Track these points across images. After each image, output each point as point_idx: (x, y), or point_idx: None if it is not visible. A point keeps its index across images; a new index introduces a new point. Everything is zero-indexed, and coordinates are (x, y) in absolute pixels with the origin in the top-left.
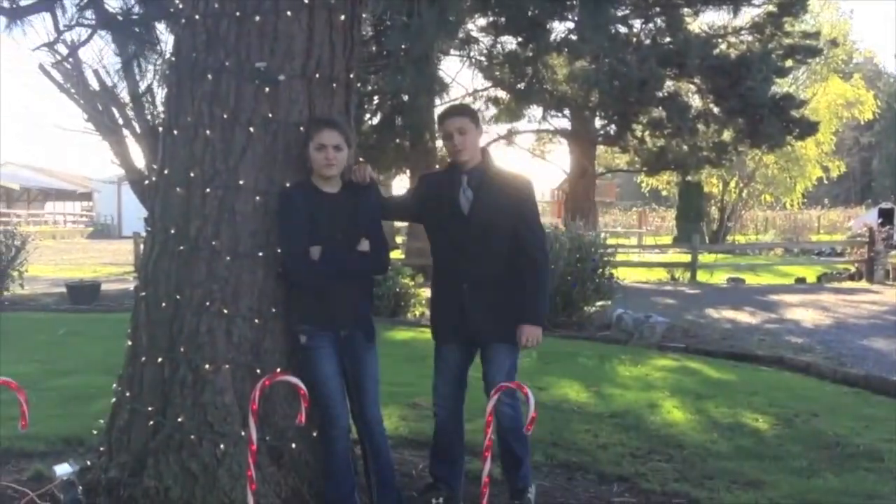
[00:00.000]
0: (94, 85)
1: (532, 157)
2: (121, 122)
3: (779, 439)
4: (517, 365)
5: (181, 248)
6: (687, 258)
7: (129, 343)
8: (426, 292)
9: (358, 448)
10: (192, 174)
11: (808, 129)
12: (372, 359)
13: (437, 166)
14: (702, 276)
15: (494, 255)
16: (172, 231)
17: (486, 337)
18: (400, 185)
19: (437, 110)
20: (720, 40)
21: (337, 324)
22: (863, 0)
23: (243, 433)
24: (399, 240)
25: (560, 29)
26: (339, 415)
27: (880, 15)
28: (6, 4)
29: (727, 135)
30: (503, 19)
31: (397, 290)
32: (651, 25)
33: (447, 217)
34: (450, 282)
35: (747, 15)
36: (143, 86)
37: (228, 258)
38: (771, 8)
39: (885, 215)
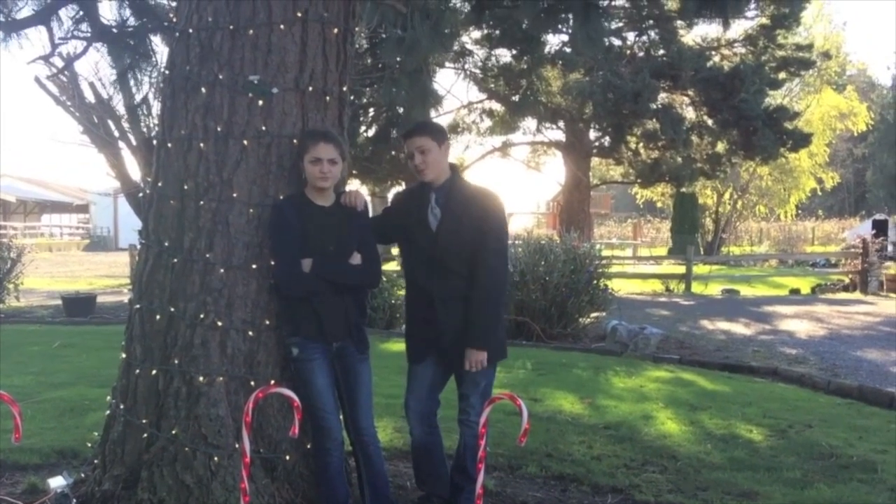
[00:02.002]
0: (90, 97)
1: (527, 168)
2: (116, 134)
3: (773, 450)
4: (492, 382)
5: (175, 260)
6: (681, 269)
7: (124, 355)
8: None
9: (352, 460)
10: (186, 186)
11: (802, 140)
12: (365, 370)
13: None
14: (696, 288)
15: (464, 271)
16: (166, 243)
17: (460, 354)
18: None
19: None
20: (713, 53)
21: (330, 336)
22: (856, 12)
23: (237, 445)
24: (395, 251)
25: (554, 41)
26: (333, 427)
27: (873, 27)
28: (1, 18)
29: (721, 146)
30: (497, 32)
31: (392, 302)
32: (645, 38)
33: (416, 234)
34: (422, 299)
35: (740, 27)
36: (138, 98)
37: (222, 270)
38: (764, 20)
39: (879, 227)
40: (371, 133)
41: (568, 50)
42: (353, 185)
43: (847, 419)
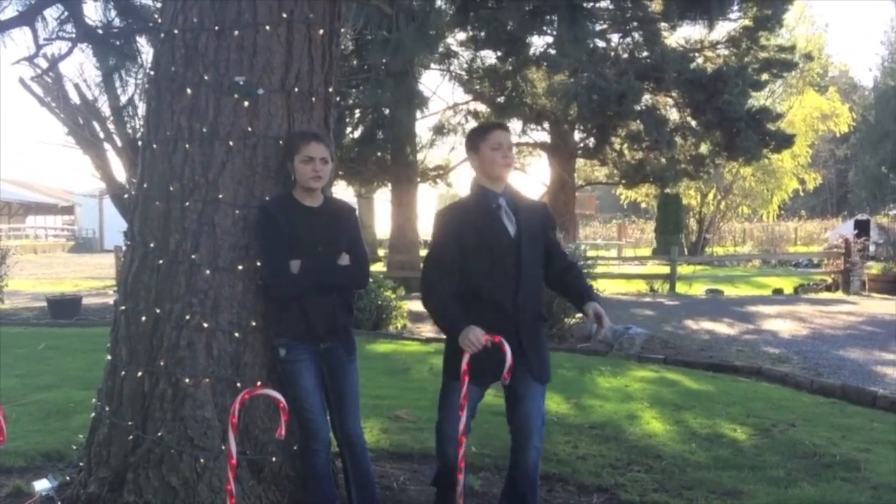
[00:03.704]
0: (75, 98)
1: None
2: (102, 135)
3: (756, 449)
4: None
5: (161, 261)
6: (666, 270)
7: (109, 357)
8: (408, 305)
9: (338, 461)
10: (171, 188)
11: (785, 141)
12: (352, 371)
13: (418, 179)
14: (680, 288)
15: (537, 282)
16: (152, 244)
17: (533, 377)
18: (381, 198)
19: (418, 124)
20: (697, 54)
21: (317, 337)
22: (838, 14)
23: (223, 447)
24: (381, 252)
25: (539, 43)
26: (320, 428)
27: (855, 29)
28: None
29: (704, 147)
30: (483, 34)
31: (379, 302)
32: (629, 40)
33: (493, 242)
34: (500, 314)
35: (723, 29)
36: (123, 99)
37: (208, 272)
38: (747, 22)
39: (861, 227)
40: (357, 134)
41: (553, 52)
42: (339, 186)
43: (830, 418)
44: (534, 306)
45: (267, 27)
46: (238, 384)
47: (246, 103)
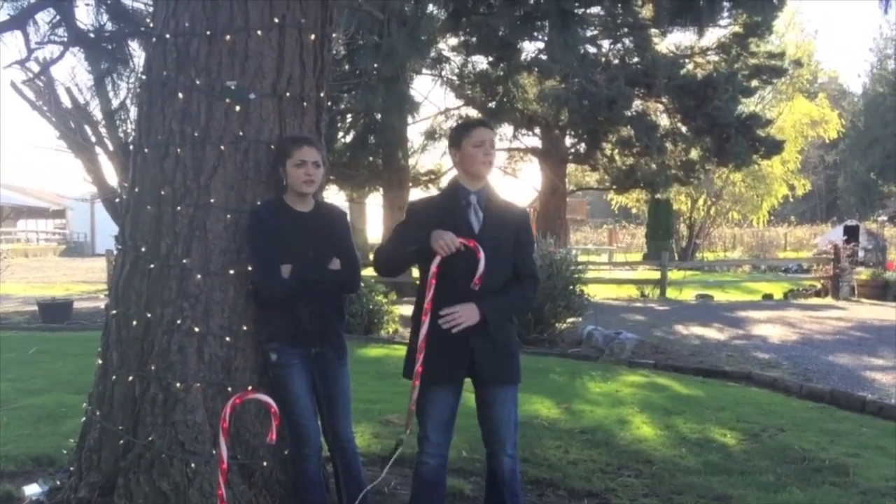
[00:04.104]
0: (67, 102)
1: (503, 174)
2: (93, 139)
3: (746, 454)
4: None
5: (152, 265)
6: (656, 275)
7: (100, 361)
8: (399, 309)
9: (329, 466)
10: (162, 192)
11: (774, 147)
12: (343, 376)
13: (410, 184)
14: (671, 293)
15: (499, 282)
16: (143, 249)
17: (497, 380)
18: (373, 202)
19: (410, 128)
20: (687, 60)
21: (308, 341)
22: (827, 21)
23: (214, 452)
24: (372, 257)
25: (530, 49)
26: (311, 433)
27: (844, 36)
28: None
29: (695, 153)
30: (474, 39)
31: (371, 307)
32: (619, 46)
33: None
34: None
35: (713, 36)
36: (115, 103)
37: (199, 276)
38: (737, 29)
39: (850, 233)
40: (349, 139)
41: (544, 57)
42: (331, 191)
43: (819, 423)
44: None
45: (259, 32)
46: (229, 389)
47: (237, 108)
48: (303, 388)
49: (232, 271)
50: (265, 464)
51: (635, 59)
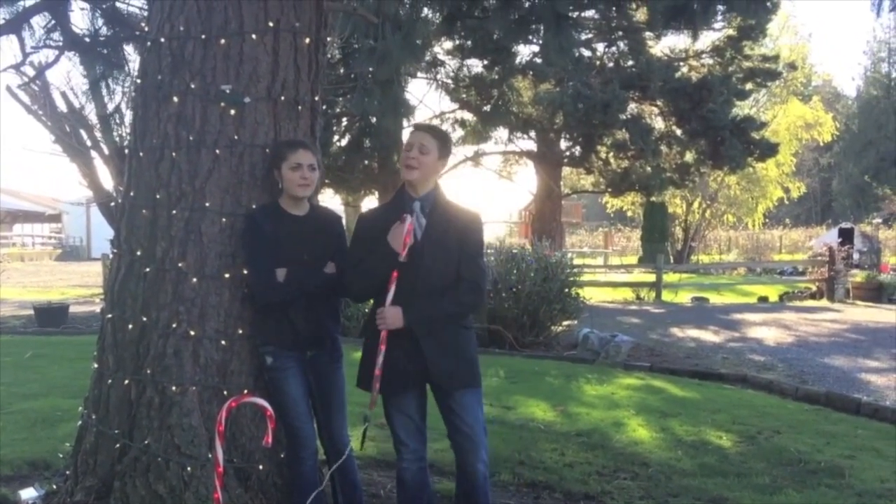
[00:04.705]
0: (62, 106)
1: (499, 178)
2: (89, 143)
3: (742, 456)
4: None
5: (147, 269)
6: (652, 278)
7: (96, 365)
8: None
9: (325, 468)
10: (158, 196)
11: (769, 150)
12: (339, 379)
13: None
14: (666, 296)
15: (440, 286)
16: (139, 252)
17: (452, 384)
18: (369, 206)
19: (405, 132)
20: (682, 64)
21: (303, 345)
22: (821, 24)
23: (210, 455)
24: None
25: (525, 52)
26: (308, 436)
27: (838, 39)
28: None
29: (689, 156)
30: (469, 43)
31: (366, 310)
32: (614, 49)
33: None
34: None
35: (708, 39)
36: (110, 107)
37: (195, 280)
38: (731, 32)
39: (845, 235)
40: (344, 143)
41: (539, 60)
42: (327, 194)
43: (815, 425)
44: None
45: (253, 36)
46: (225, 392)
47: (232, 112)
48: (298, 391)
49: (227, 275)
50: (261, 467)
51: (630, 63)
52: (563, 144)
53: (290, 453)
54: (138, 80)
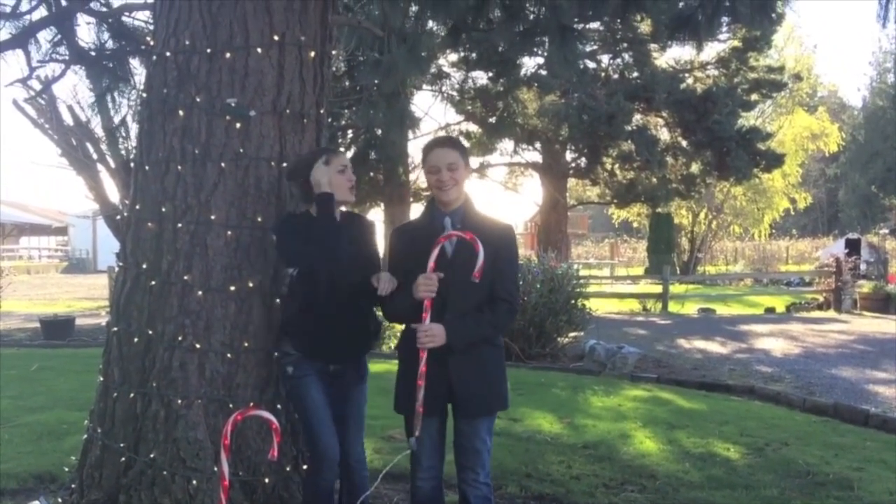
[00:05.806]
0: (69, 120)
1: (504, 189)
2: (95, 156)
3: (750, 468)
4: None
5: (153, 282)
6: (658, 289)
7: (101, 378)
8: (401, 325)
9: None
10: (163, 209)
11: (775, 161)
12: (360, 396)
13: (411, 199)
14: (673, 307)
15: (471, 305)
16: (144, 266)
17: (480, 411)
18: (374, 218)
19: (410, 144)
20: (686, 75)
21: (327, 355)
22: (826, 35)
23: (216, 468)
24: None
25: (530, 64)
26: (330, 446)
27: (844, 49)
28: None
29: (695, 167)
30: (474, 55)
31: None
32: (619, 60)
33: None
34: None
35: (713, 50)
36: (116, 120)
37: (200, 293)
38: (736, 43)
39: (852, 246)
40: (350, 155)
41: (544, 72)
42: None
43: (823, 437)
44: None
45: (258, 49)
46: (230, 405)
47: (238, 125)
48: (320, 398)
49: (233, 288)
50: (267, 480)
51: (635, 74)
52: (569, 156)
53: (311, 467)
54: (144, 94)
